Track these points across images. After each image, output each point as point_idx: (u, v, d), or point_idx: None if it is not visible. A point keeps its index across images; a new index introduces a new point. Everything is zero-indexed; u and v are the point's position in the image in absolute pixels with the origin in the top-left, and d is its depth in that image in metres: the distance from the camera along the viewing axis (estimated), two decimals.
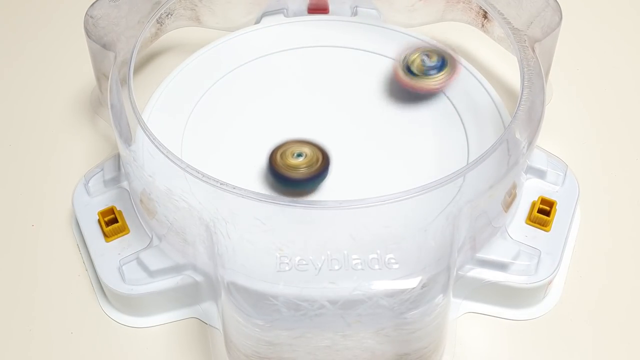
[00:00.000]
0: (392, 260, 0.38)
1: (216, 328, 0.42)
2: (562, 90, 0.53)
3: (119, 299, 0.43)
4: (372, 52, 0.51)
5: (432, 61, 0.47)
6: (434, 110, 0.48)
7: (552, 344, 0.43)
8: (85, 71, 0.52)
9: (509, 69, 0.52)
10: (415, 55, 0.48)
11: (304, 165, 0.43)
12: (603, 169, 0.50)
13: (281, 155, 0.43)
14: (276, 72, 0.50)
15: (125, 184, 0.46)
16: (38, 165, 0.50)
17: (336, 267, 0.38)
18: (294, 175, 0.43)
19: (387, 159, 0.46)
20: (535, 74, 0.43)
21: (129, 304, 0.43)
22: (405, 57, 0.48)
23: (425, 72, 0.47)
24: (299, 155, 0.43)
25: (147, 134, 0.41)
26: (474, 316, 0.43)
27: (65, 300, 0.44)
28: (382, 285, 0.37)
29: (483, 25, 0.51)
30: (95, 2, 0.47)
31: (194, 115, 0.48)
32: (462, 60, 0.49)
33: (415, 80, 0.47)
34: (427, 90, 0.47)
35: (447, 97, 0.48)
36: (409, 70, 0.47)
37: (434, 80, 0.47)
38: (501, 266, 0.42)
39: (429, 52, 0.48)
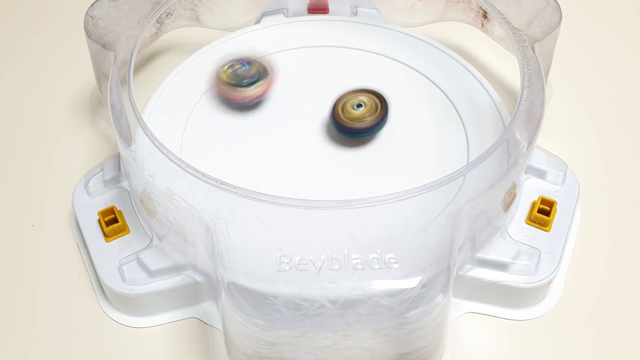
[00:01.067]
0: (392, 260, 0.38)
1: (216, 328, 0.42)
2: (562, 90, 0.53)
3: (119, 299, 0.43)
4: (372, 52, 0.51)
5: (245, 71, 0.47)
6: (434, 110, 0.48)
7: (552, 344, 0.43)
8: (85, 71, 0.52)
9: (509, 69, 0.52)
10: (228, 66, 0.47)
11: (367, 115, 0.45)
12: (603, 169, 0.50)
13: (342, 108, 0.46)
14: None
15: (125, 183, 0.46)
16: (38, 165, 0.50)
17: (336, 267, 0.38)
18: (360, 125, 0.45)
19: (387, 159, 0.46)
20: (535, 74, 0.43)
21: (129, 304, 0.43)
22: (220, 68, 0.48)
23: (239, 82, 0.47)
24: (359, 105, 0.45)
25: (147, 134, 0.41)
26: (474, 316, 0.43)
27: (65, 300, 0.44)
28: (382, 284, 0.37)
29: (483, 25, 0.51)
30: (95, 2, 0.47)
31: (194, 115, 0.48)
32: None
33: (230, 90, 0.47)
34: (242, 100, 0.47)
35: (448, 97, 0.48)
36: (225, 82, 0.47)
37: (249, 91, 0.47)
38: (501, 266, 0.42)
39: (244, 61, 0.48)
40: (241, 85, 0.47)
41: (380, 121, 0.45)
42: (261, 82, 0.47)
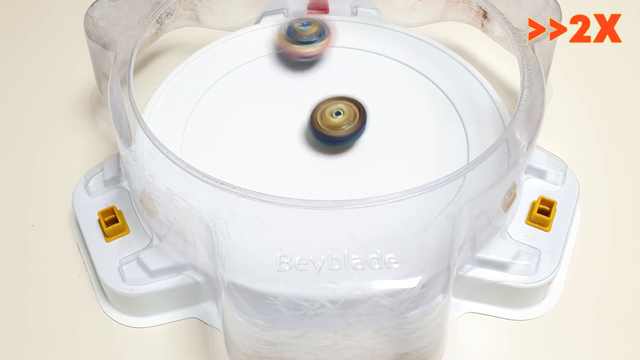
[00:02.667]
0: (392, 260, 0.38)
1: (216, 328, 0.42)
2: (562, 90, 0.53)
3: (119, 299, 0.43)
4: (372, 52, 0.51)
5: (309, 28, 0.50)
6: (434, 110, 0.48)
7: (552, 344, 0.43)
8: (85, 71, 0.52)
9: (509, 69, 0.52)
10: (295, 24, 0.50)
11: (345, 123, 0.45)
12: (603, 169, 0.50)
13: (320, 116, 0.45)
14: (276, 72, 0.50)
15: (125, 184, 0.46)
16: (38, 165, 0.50)
17: (336, 267, 0.38)
18: (338, 134, 0.45)
19: (387, 159, 0.46)
20: (535, 74, 0.43)
21: (129, 304, 0.43)
22: (286, 25, 0.50)
23: (305, 39, 0.49)
24: (337, 113, 0.45)
25: (147, 134, 0.41)
26: (474, 316, 0.43)
27: (65, 300, 0.44)
28: (382, 284, 0.37)
29: (483, 25, 0.51)
30: (95, 2, 0.47)
31: (194, 115, 0.48)
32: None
33: (294, 46, 0.50)
34: (305, 55, 0.50)
35: (447, 97, 0.48)
36: (290, 36, 0.50)
37: (313, 47, 0.49)
38: (501, 266, 0.42)
39: (308, 21, 0.50)
40: (301, 42, 0.49)
41: (359, 129, 0.45)
42: (319, 42, 0.50)
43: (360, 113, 0.46)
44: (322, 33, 0.50)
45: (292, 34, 0.50)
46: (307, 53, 0.50)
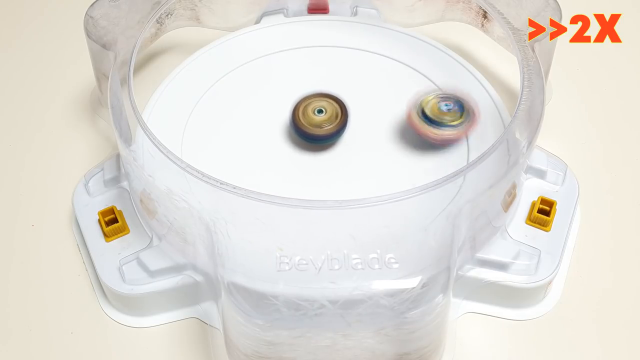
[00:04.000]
0: (392, 260, 0.38)
1: (216, 328, 0.42)
2: (562, 90, 0.53)
3: (119, 299, 0.43)
4: (372, 52, 0.51)
5: (449, 106, 0.45)
6: None
7: (552, 344, 0.43)
8: (85, 71, 0.52)
9: (509, 69, 0.52)
10: (431, 99, 0.45)
11: (327, 123, 0.45)
12: (603, 169, 0.50)
13: (303, 112, 0.45)
14: (276, 72, 0.50)
15: (125, 184, 0.46)
16: (38, 165, 0.50)
17: (336, 267, 0.38)
18: (319, 133, 0.45)
19: (386, 159, 0.46)
20: (535, 74, 0.43)
21: (129, 304, 0.43)
22: (420, 101, 0.45)
23: (441, 119, 0.44)
24: (320, 111, 0.45)
25: (147, 134, 0.41)
26: (474, 316, 0.43)
27: (65, 300, 0.44)
28: (382, 284, 0.37)
29: (483, 25, 0.51)
30: (95, 2, 0.47)
31: (194, 115, 0.48)
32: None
33: (429, 129, 0.44)
34: (442, 140, 0.45)
35: None
36: (424, 115, 0.45)
37: (450, 130, 0.44)
38: (501, 266, 0.42)
39: (445, 96, 0.45)
40: (442, 125, 0.44)
41: (340, 129, 0.45)
42: (462, 124, 0.44)
43: (342, 112, 0.45)
44: (464, 114, 0.44)
45: (426, 116, 0.44)
46: (444, 138, 0.44)
